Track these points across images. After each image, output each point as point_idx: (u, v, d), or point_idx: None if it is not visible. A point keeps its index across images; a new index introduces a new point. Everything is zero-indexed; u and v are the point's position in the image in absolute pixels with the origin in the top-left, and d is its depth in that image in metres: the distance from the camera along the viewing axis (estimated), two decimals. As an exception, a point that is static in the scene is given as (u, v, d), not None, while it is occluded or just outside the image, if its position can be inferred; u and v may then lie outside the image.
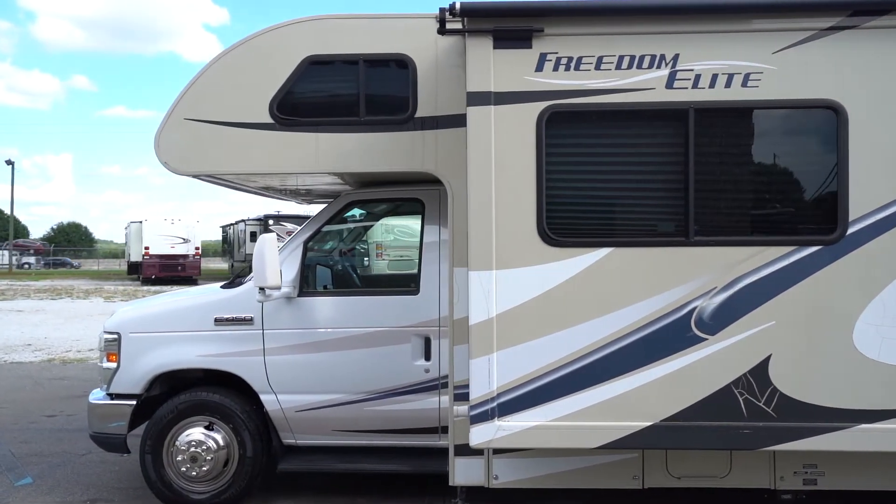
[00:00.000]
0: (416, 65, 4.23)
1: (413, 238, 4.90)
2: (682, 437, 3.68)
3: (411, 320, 4.57)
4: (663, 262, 3.70)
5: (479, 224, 3.71)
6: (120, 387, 4.70)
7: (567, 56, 3.68)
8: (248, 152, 4.28)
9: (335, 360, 4.58)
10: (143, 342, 4.67)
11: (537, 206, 3.70)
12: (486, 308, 3.70)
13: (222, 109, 4.27)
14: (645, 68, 3.66)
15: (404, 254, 5.32)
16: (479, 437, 3.72)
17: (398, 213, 5.08)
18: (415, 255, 4.74)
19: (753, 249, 3.67)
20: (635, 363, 3.69)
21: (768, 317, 3.65)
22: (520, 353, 3.72)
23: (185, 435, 4.62)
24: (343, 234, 5.10)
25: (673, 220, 3.73)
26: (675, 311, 3.68)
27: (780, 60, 3.63)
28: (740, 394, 3.67)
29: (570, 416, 3.71)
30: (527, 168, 3.70)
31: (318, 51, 4.25)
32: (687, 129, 3.66)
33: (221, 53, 4.29)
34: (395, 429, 4.63)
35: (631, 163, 3.78)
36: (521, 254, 3.71)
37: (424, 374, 4.57)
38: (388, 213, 5.20)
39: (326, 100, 4.33)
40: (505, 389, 3.72)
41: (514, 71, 3.69)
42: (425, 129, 4.25)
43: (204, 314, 4.65)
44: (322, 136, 4.26)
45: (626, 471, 4.22)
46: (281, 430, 4.67)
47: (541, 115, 3.69)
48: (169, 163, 4.32)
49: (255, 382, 4.60)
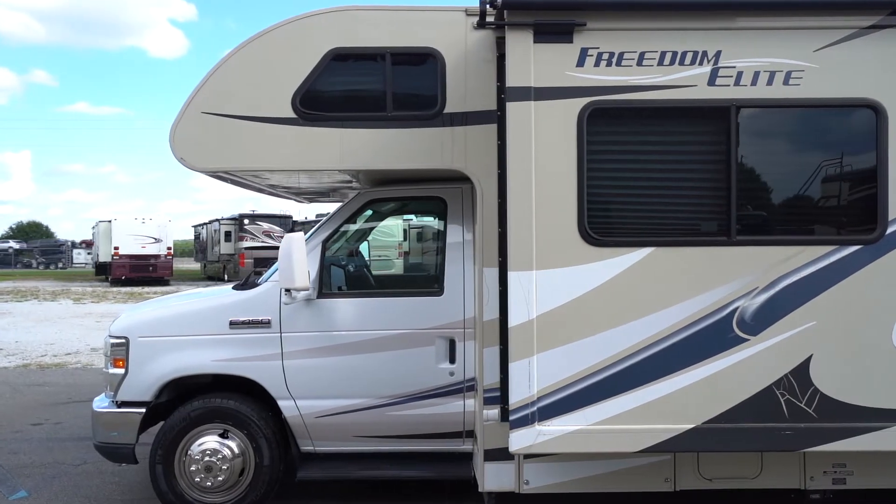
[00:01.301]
0: (445, 59, 4.10)
1: (392, 238, 4.78)
2: (724, 440, 3.63)
3: (435, 322, 4.44)
4: (705, 262, 3.64)
5: (520, 223, 3.60)
6: (128, 394, 4.46)
7: (608, 51, 3.59)
8: (269, 148, 4.10)
9: (357, 364, 4.42)
10: (154, 347, 4.45)
11: (578, 205, 3.61)
12: (526, 309, 3.60)
13: (242, 103, 4.08)
14: (687, 65, 3.60)
15: (382, 254, 5.23)
16: (519, 443, 3.61)
17: (419, 213, 4.94)
18: (392, 255, 4.62)
19: (794, 249, 3.64)
20: (677, 365, 3.63)
21: (809, 317, 3.62)
22: (560, 355, 3.62)
23: (198, 444, 4.42)
24: (363, 234, 4.93)
25: (715, 219, 3.68)
26: (716, 312, 3.63)
27: (821, 59, 3.61)
28: (782, 395, 3.64)
29: (611, 419, 3.63)
30: (568, 166, 3.61)
31: (342, 43, 4.09)
32: (729, 127, 3.61)
33: (241, 45, 4.09)
34: (417, 434, 4.49)
35: (672, 161, 3.71)
36: (562, 254, 3.62)
37: (449, 378, 4.44)
38: (409, 212, 5.05)
39: (351, 94, 4.17)
40: (545, 393, 3.62)
41: (554, 66, 3.59)
42: (454, 126, 4.12)
43: (218, 317, 4.44)
44: (347, 131, 4.10)
45: (658, 473, 4.16)
46: (299, 437, 4.50)
47: (582, 111, 3.60)
48: (185, 159, 4.11)
49: (273, 388, 4.41)
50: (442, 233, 4.57)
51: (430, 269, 4.61)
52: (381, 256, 5.20)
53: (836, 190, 3.75)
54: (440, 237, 4.60)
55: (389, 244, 8.76)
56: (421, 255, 4.58)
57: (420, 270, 4.76)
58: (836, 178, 3.74)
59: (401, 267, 5.05)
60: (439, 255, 4.56)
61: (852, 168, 3.71)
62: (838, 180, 3.74)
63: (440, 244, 4.57)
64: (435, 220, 4.98)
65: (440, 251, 4.56)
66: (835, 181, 3.74)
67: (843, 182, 3.73)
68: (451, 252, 4.50)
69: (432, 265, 4.59)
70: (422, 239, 5.18)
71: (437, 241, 4.61)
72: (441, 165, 4.15)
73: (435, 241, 5.18)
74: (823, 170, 3.74)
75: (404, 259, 4.91)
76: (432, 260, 4.60)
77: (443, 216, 4.59)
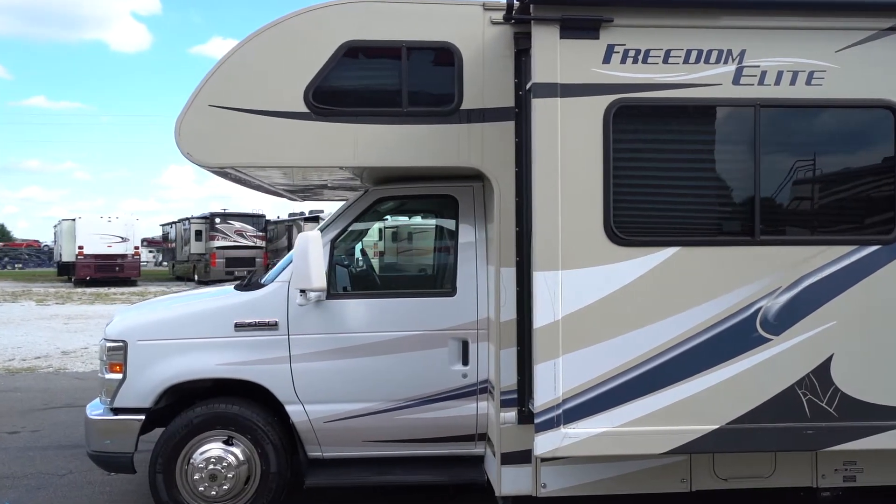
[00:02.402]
0: (462, 54, 4.01)
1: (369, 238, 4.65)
2: (749, 440, 3.63)
3: (448, 323, 4.34)
4: (729, 262, 3.63)
5: (545, 222, 3.53)
6: (126, 400, 4.25)
7: (635, 48, 3.55)
8: (281, 144, 3.95)
9: (367, 367, 4.30)
10: (154, 350, 4.25)
11: (604, 204, 3.56)
12: (551, 310, 3.53)
13: (252, 96, 3.92)
14: (712, 63, 3.58)
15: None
16: (545, 446, 3.54)
17: (428, 211, 4.83)
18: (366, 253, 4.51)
19: (816, 249, 3.65)
20: (702, 365, 3.61)
21: (830, 316, 3.64)
22: (585, 357, 3.57)
23: (201, 451, 4.23)
24: (372, 233, 4.80)
25: (739, 218, 3.67)
26: (740, 312, 3.62)
27: (842, 59, 3.63)
28: (804, 394, 3.64)
29: (636, 421, 3.59)
30: (593, 164, 3.56)
31: (357, 36, 3.96)
32: (753, 127, 3.60)
33: (252, 35, 3.93)
34: (429, 437, 4.39)
35: (698, 160, 3.70)
36: (588, 253, 3.56)
37: (462, 380, 4.35)
38: (418, 210, 4.94)
39: (366, 89, 4.05)
40: (570, 395, 3.56)
41: (580, 62, 3.53)
42: (471, 122, 4.03)
43: (223, 319, 4.26)
44: (361, 127, 3.98)
45: (674, 474, 4.14)
46: (307, 442, 4.35)
47: (608, 108, 3.55)
48: (192, 154, 3.93)
49: (280, 392, 4.26)
50: (453, 232, 4.48)
51: (442, 269, 4.50)
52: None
53: (856, 191, 3.77)
54: (451, 236, 4.50)
55: (367, 243, 8.66)
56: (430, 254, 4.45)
57: (432, 270, 4.64)
58: (855, 178, 3.77)
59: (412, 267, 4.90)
60: (451, 254, 4.46)
61: (871, 169, 3.74)
62: (858, 181, 3.77)
63: (452, 243, 4.47)
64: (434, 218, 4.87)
65: (452, 251, 4.46)
66: (854, 182, 3.77)
67: (862, 183, 3.76)
68: (464, 251, 4.41)
69: (445, 265, 4.49)
70: (397, 239, 5.08)
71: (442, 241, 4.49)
72: (458, 163, 4.06)
73: (411, 240, 5.09)
74: (844, 171, 3.77)
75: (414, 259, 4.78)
76: (445, 259, 4.50)
77: (453, 215, 4.49)
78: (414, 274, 4.84)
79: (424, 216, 4.92)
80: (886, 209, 3.69)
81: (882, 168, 3.71)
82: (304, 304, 4.12)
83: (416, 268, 4.82)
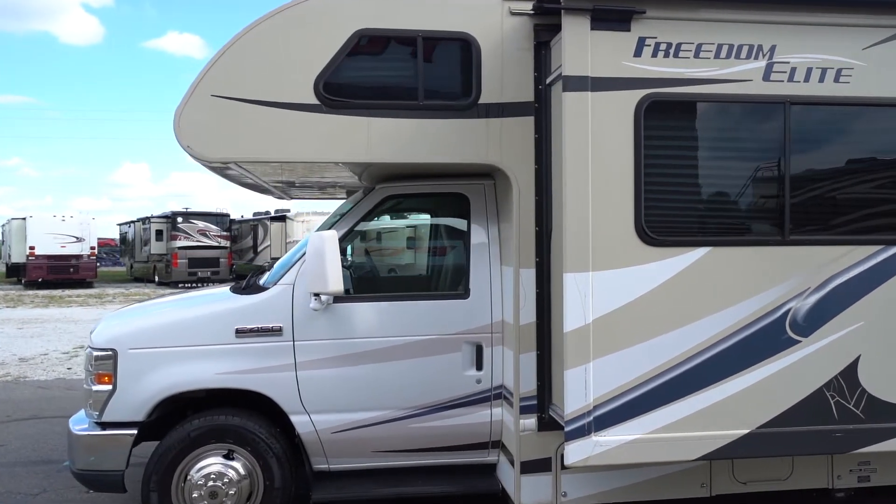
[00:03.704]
0: (480, 45, 3.83)
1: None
2: (780, 445, 3.56)
3: (461, 327, 4.16)
4: (759, 263, 3.55)
5: (576, 222, 3.38)
6: (117, 413, 3.93)
7: (666, 42, 3.44)
8: (289, 137, 3.70)
9: (377, 374, 4.08)
10: (148, 359, 3.94)
11: (635, 203, 3.43)
12: (582, 313, 3.39)
13: (259, 86, 3.66)
14: (743, 59, 3.50)
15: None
16: (576, 455, 3.40)
17: (438, 210, 4.62)
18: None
19: (844, 249, 3.61)
20: (732, 368, 3.52)
21: (858, 317, 3.60)
22: (616, 361, 3.44)
23: (199, 467, 3.95)
24: (380, 233, 4.57)
25: (769, 218, 3.60)
26: (770, 314, 3.54)
27: (868, 57, 3.59)
28: (832, 396, 3.59)
29: (667, 427, 3.48)
30: (624, 161, 3.43)
31: (371, 24, 3.74)
32: (783, 124, 3.53)
33: (259, 20, 3.66)
34: (441, 446, 4.20)
35: (728, 157, 3.60)
36: (618, 254, 3.43)
37: (476, 385, 4.17)
38: (428, 209, 4.73)
39: (380, 80, 3.83)
40: (601, 402, 3.43)
41: (611, 55, 3.40)
42: (490, 117, 3.86)
43: (223, 324, 3.98)
44: (375, 120, 3.76)
45: (694, 479, 4.06)
46: (313, 455, 4.10)
47: (639, 103, 3.42)
48: (192, 147, 3.64)
49: (285, 402, 4.00)
50: (465, 232, 4.29)
51: (454, 271, 4.30)
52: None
53: (882, 190, 3.74)
54: (463, 236, 4.31)
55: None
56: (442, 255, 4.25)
57: (444, 272, 4.44)
58: (883, 178, 3.73)
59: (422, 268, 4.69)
60: (463, 255, 4.28)
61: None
62: (884, 180, 3.74)
63: (464, 244, 4.29)
64: (444, 217, 4.68)
65: (464, 251, 4.28)
66: (882, 181, 3.74)
67: (889, 182, 3.72)
68: (476, 252, 4.23)
69: (457, 266, 4.30)
70: (407, 239, 4.87)
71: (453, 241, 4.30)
72: (476, 160, 3.88)
73: (422, 240, 4.89)
74: (871, 169, 3.73)
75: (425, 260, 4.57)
76: (456, 260, 4.30)
77: (464, 214, 4.31)
78: (425, 275, 4.63)
79: (434, 215, 4.71)
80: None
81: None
82: (319, 308, 3.87)
83: (427, 269, 4.61)
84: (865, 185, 3.73)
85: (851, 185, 3.71)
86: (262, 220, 25.60)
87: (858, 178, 3.73)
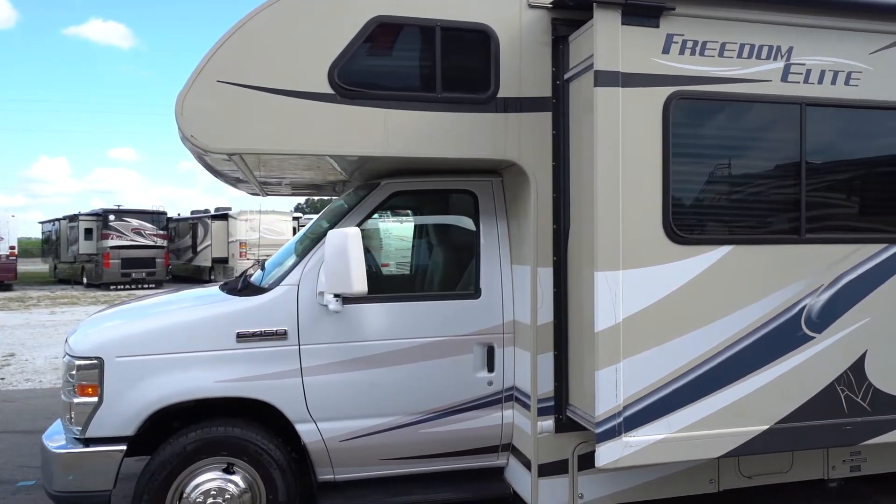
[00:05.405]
0: (499, 38, 3.72)
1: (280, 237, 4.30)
2: (797, 439, 3.62)
3: (472, 327, 4.04)
4: (777, 260, 3.60)
5: (607, 219, 3.32)
6: (103, 428, 3.58)
7: (693, 40, 3.43)
8: (301, 128, 3.46)
9: (387, 378, 3.90)
10: (138, 368, 3.61)
11: (664, 201, 3.41)
12: (613, 313, 3.33)
13: (270, 72, 3.41)
14: (763, 59, 3.54)
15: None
16: (607, 457, 3.34)
17: (446, 207, 4.47)
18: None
19: (853, 247, 3.71)
20: (752, 365, 3.56)
21: (865, 313, 3.71)
22: (644, 361, 3.40)
23: (196, 483, 3.66)
24: (387, 231, 4.37)
25: (787, 216, 3.65)
26: (787, 311, 3.60)
27: (875, 61, 3.71)
28: (842, 391, 3.69)
29: (693, 425, 3.48)
30: (653, 158, 3.40)
31: (388, 11, 3.56)
32: (800, 124, 3.60)
33: (270, 1, 3.41)
34: (451, 451, 4.06)
35: (748, 156, 3.63)
36: (647, 252, 3.40)
37: (487, 387, 4.06)
38: (435, 206, 4.56)
39: (397, 70, 3.65)
40: (630, 402, 3.39)
41: (641, 51, 3.36)
42: (508, 112, 3.75)
43: (223, 328, 3.70)
44: (392, 112, 3.58)
45: (704, 475, 4.10)
46: (318, 464, 3.88)
47: (667, 101, 3.40)
48: (197, 136, 3.35)
49: (291, 410, 3.76)
50: (474, 230, 4.17)
51: (464, 270, 4.17)
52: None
53: (887, 189, 3.86)
54: (472, 234, 4.18)
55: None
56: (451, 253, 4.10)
57: (453, 271, 4.30)
58: (888, 178, 3.86)
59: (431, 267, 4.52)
60: (473, 254, 4.15)
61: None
62: (890, 180, 3.86)
63: (473, 242, 4.16)
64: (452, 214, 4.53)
65: (473, 250, 4.15)
66: (887, 181, 3.86)
67: (893, 182, 3.86)
68: (486, 251, 4.12)
69: (467, 265, 4.16)
70: (415, 237, 4.71)
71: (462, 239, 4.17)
72: (493, 156, 3.76)
73: (430, 238, 4.74)
74: (879, 170, 3.86)
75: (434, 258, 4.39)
76: (466, 259, 4.17)
77: (473, 212, 4.19)
78: (433, 275, 4.47)
79: (441, 212, 4.56)
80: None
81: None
82: (339, 310, 3.65)
83: (436, 268, 4.45)
84: (872, 185, 3.86)
85: (861, 185, 3.83)
86: (203, 219, 24.50)
87: (866, 179, 3.85)
